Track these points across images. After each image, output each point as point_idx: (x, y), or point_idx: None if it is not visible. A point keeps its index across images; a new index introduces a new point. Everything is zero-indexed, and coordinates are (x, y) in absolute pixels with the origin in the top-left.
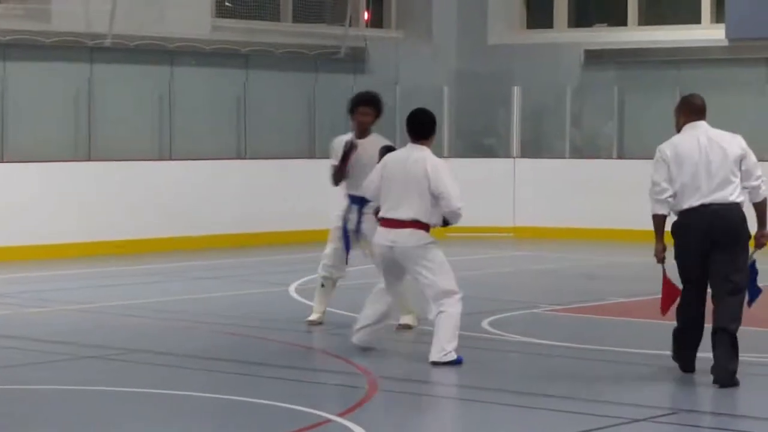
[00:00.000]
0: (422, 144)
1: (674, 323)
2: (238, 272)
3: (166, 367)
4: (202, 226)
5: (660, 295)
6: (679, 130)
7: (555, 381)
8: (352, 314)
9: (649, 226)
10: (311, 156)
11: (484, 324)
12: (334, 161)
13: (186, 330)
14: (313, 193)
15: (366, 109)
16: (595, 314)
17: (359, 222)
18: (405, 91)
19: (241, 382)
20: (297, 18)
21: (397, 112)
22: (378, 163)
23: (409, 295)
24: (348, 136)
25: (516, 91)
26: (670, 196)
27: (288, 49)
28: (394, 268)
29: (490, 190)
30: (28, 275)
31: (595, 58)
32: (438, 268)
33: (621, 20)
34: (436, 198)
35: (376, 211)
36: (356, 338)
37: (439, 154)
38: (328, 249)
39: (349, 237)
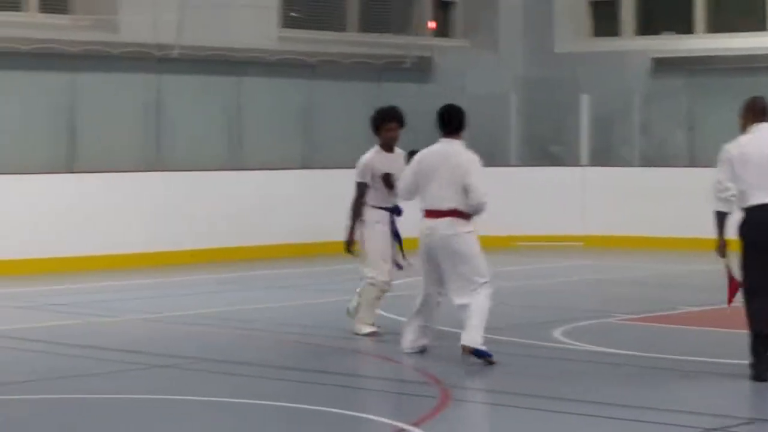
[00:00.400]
0: (454, 138)
1: (742, 331)
2: (305, 281)
3: (236, 376)
4: (269, 235)
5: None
6: (744, 131)
7: (629, 390)
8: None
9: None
10: None
11: (557, 334)
12: (357, 179)
13: (254, 339)
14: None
15: (392, 124)
16: (667, 323)
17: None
18: (471, 100)
19: (308, 390)
20: (363, 28)
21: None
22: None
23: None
24: (371, 155)
25: (584, 98)
26: (732, 195)
27: (354, 59)
28: (432, 262)
29: (558, 198)
30: (98, 285)
31: (662, 65)
32: (472, 258)
33: (688, 27)
34: (464, 189)
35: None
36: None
37: (506, 161)
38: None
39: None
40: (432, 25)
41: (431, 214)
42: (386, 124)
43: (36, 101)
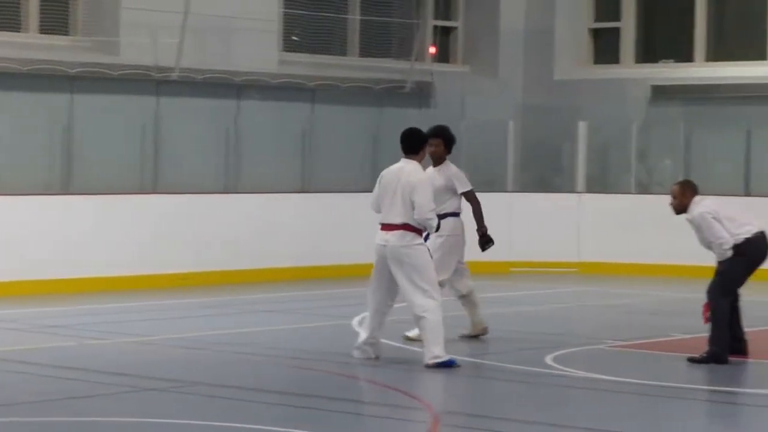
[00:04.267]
0: (412, 158)
1: (738, 359)
2: (301, 305)
3: (228, 400)
4: (266, 258)
5: None
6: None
7: (621, 418)
8: (414, 348)
9: (714, 260)
10: None
11: (548, 360)
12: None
13: (247, 363)
14: (377, 227)
15: (434, 140)
16: (659, 350)
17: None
18: (471, 126)
19: (303, 416)
20: (363, 52)
21: (462, 146)
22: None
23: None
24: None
25: (582, 126)
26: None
27: (354, 83)
28: (384, 270)
29: (555, 225)
30: (92, 307)
31: (661, 93)
32: (421, 272)
33: (688, 56)
34: (411, 205)
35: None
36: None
37: (503, 187)
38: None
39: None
40: (432, 50)
41: (385, 227)
42: (429, 140)
43: (34, 122)
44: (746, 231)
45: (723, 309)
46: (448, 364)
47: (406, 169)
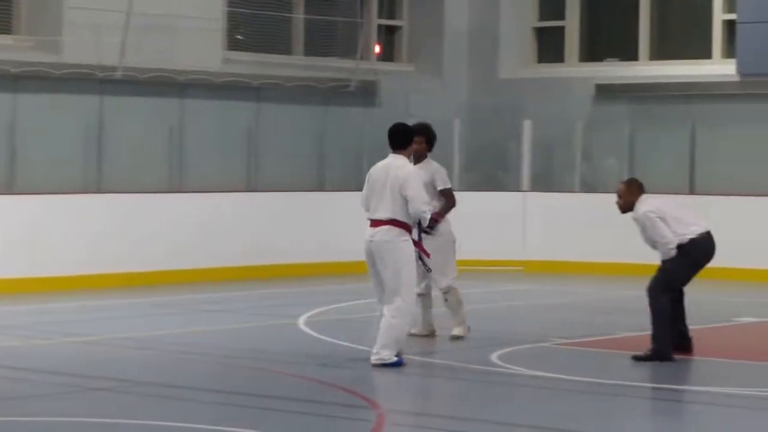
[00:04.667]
0: (400, 153)
1: (683, 356)
2: (246, 305)
3: (174, 400)
4: (211, 258)
5: None
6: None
7: (565, 415)
8: (360, 347)
9: (658, 259)
10: (321, 188)
11: (493, 357)
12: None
13: (193, 363)
14: (323, 226)
15: (417, 137)
16: (604, 348)
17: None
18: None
19: (249, 415)
20: (308, 51)
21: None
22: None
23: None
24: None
25: (527, 124)
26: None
27: (299, 82)
28: (374, 268)
29: (500, 223)
30: (36, 307)
31: (606, 92)
32: (399, 272)
33: (632, 55)
34: (405, 200)
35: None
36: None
37: None
38: None
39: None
40: (377, 49)
41: (373, 223)
42: (416, 138)
43: None
44: (691, 231)
45: (663, 306)
46: (396, 364)
47: (395, 164)
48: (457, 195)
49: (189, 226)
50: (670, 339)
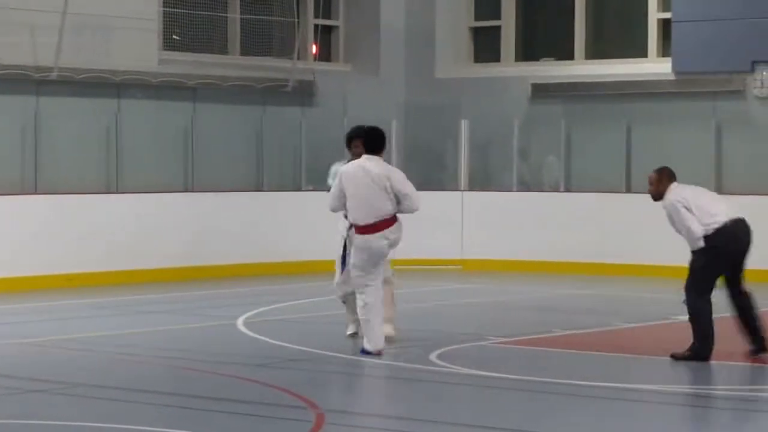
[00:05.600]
0: (376, 155)
1: (619, 354)
2: (185, 306)
3: (112, 401)
4: (148, 259)
5: None
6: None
7: (504, 413)
8: (299, 347)
9: (596, 257)
10: (259, 189)
11: (432, 357)
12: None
13: (132, 364)
14: (260, 226)
15: (359, 141)
16: (542, 346)
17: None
18: (353, 124)
19: (187, 416)
20: (245, 51)
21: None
22: None
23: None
24: (343, 164)
25: (464, 124)
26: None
27: (236, 82)
28: (373, 263)
29: (438, 222)
30: None
31: (542, 91)
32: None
33: (568, 54)
34: (400, 197)
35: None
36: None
37: None
38: (336, 271)
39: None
40: (314, 49)
41: (368, 229)
42: (354, 141)
43: None
44: (716, 221)
45: (699, 307)
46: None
47: (371, 164)
48: None
49: (127, 226)
50: (709, 340)
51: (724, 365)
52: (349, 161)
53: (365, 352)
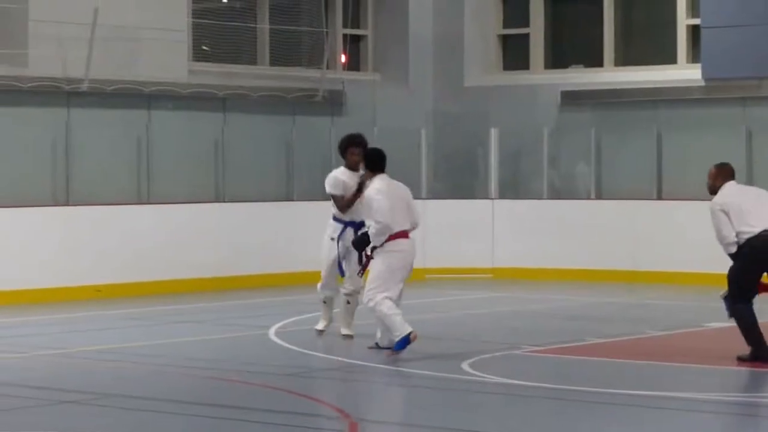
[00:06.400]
0: (381, 174)
1: (652, 362)
2: (216, 316)
3: (144, 412)
4: (179, 269)
5: None
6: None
7: (537, 423)
8: (331, 356)
9: (627, 265)
10: (289, 198)
11: (464, 366)
12: (333, 191)
13: (164, 374)
14: (292, 236)
15: (355, 149)
16: (574, 355)
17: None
18: (382, 133)
19: (220, 427)
20: (274, 61)
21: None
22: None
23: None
24: (341, 172)
25: (493, 132)
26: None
27: (265, 92)
28: (405, 270)
29: (468, 231)
30: (4, 321)
31: (571, 99)
32: None
33: (597, 61)
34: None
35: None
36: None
37: (417, 195)
38: (323, 272)
39: (341, 257)
40: (343, 58)
41: (405, 233)
42: (349, 149)
43: None
44: (749, 231)
45: (741, 313)
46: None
47: (394, 182)
48: (425, 203)
49: (157, 237)
50: (758, 340)
51: (758, 373)
52: (346, 168)
53: (400, 345)
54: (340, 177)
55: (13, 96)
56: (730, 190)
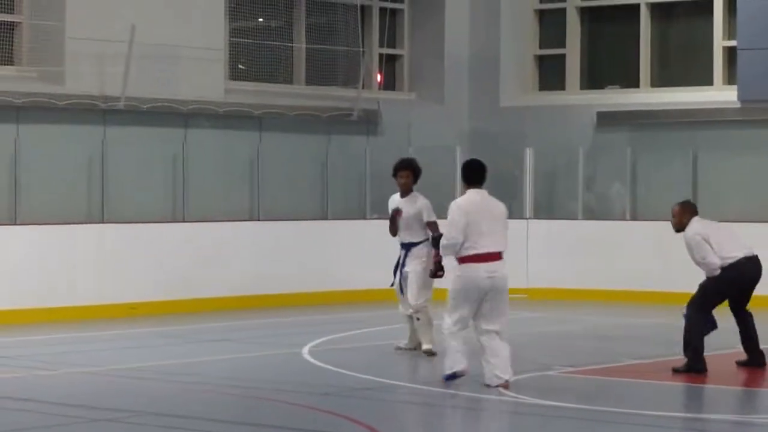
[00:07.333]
0: (479, 188)
1: (686, 384)
2: (251, 334)
3: (178, 430)
4: (214, 287)
5: None
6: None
7: None
8: (365, 376)
9: (662, 286)
10: (324, 217)
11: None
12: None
13: (198, 393)
14: (326, 254)
15: (404, 172)
16: (609, 376)
17: (404, 261)
18: (418, 153)
19: None
20: (310, 81)
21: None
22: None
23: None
24: (396, 196)
25: (529, 152)
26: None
27: (301, 111)
28: (480, 299)
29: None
30: (40, 338)
31: (607, 119)
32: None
33: (633, 82)
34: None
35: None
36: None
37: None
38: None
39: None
40: (379, 78)
41: (492, 257)
42: (399, 172)
43: None
44: (732, 256)
45: (694, 321)
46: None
47: (490, 199)
48: None
49: (192, 255)
50: (699, 353)
51: None
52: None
53: (447, 378)
54: (389, 202)
55: (49, 113)
56: (699, 223)
